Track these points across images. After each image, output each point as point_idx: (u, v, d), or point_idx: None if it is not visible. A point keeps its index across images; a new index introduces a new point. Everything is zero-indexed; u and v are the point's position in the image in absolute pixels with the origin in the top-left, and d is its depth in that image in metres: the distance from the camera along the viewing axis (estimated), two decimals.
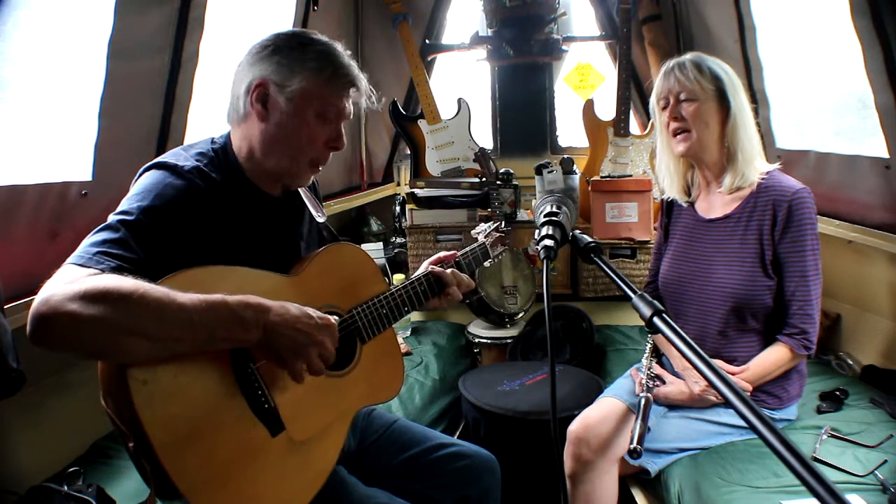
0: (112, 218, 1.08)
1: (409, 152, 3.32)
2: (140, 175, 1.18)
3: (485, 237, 1.65)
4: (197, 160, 1.19)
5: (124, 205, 1.10)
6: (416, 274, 1.48)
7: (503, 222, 1.76)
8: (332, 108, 1.23)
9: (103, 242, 1.03)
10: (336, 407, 1.24)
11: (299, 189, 1.38)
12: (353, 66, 1.26)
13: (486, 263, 1.63)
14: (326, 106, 1.22)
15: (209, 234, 1.14)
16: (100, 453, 1.67)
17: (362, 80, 1.27)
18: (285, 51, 1.20)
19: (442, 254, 1.55)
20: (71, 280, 0.94)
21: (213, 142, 1.27)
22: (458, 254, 1.56)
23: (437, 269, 1.47)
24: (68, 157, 1.64)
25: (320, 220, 1.43)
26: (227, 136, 1.28)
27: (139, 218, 1.06)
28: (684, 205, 1.79)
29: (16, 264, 1.47)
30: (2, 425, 1.52)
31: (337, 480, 1.26)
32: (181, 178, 1.14)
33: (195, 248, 1.11)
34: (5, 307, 1.28)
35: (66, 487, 1.31)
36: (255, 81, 1.20)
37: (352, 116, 1.29)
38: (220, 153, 1.24)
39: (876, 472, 1.44)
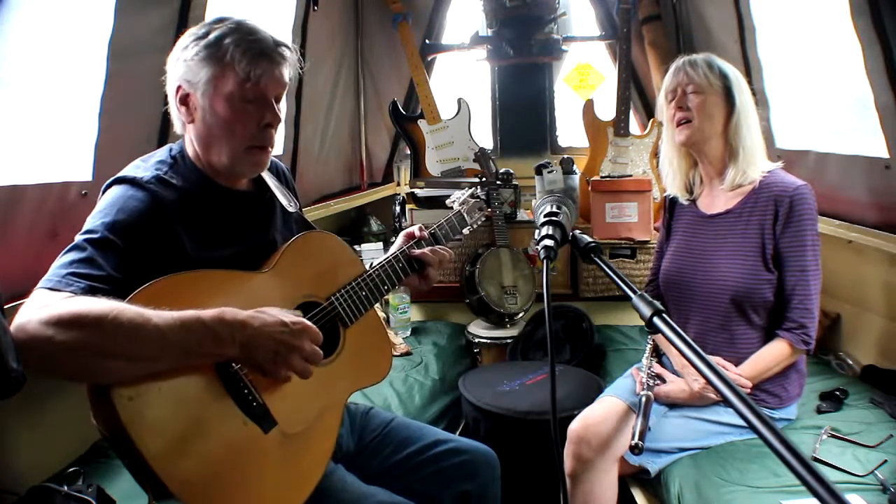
0: (78, 238, 1.08)
1: (409, 152, 3.32)
2: (103, 192, 1.18)
3: (460, 205, 1.64)
4: (157, 169, 1.19)
5: (89, 223, 1.10)
6: (392, 248, 1.47)
7: (478, 188, 1.73)
8: (249, 87, 1.16)
9: (71, 263, 1.03)
10: (326, 395, 1.24)
11: (267, 180, 1.36)
12: (262, 38, 1.18)
13: (465, 231, 1.62)
14: (241, 87, 1.16)
15: (178, 242, 1.14)
16: (100, 453, 1.67)
17: (273, 47, 1.18)
18: (189, 48, 1.17)
19: (414, 230, 1.52)
20: (44, 305, 0.95)
21: (171, 149, 1.26)
22: (434, 225, 1.55)
23: (416, 251, 1.47)
24: (68, 157, 1.64)
25: (291, 209, 1.40)
26: (184, 141, 1.27)
27: (104, 234, 1.06)
28: (685, 202, 1.80)
29: (16, 264, 1.47)
30: (2, 425, 1.52)
31: (336, 479, 1.26)
32: (142, 190, 1.13)
33: (168, 257, 1.11)
34: (5, 307, 1.28)
35: (66, 487, 1.31)
36: (173, 87, 1.20)
37: (282, 86, 1.21)
38: (179, 158, 1.23)
39: (876, 472, 1.44)
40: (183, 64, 1.18)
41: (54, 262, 1.05)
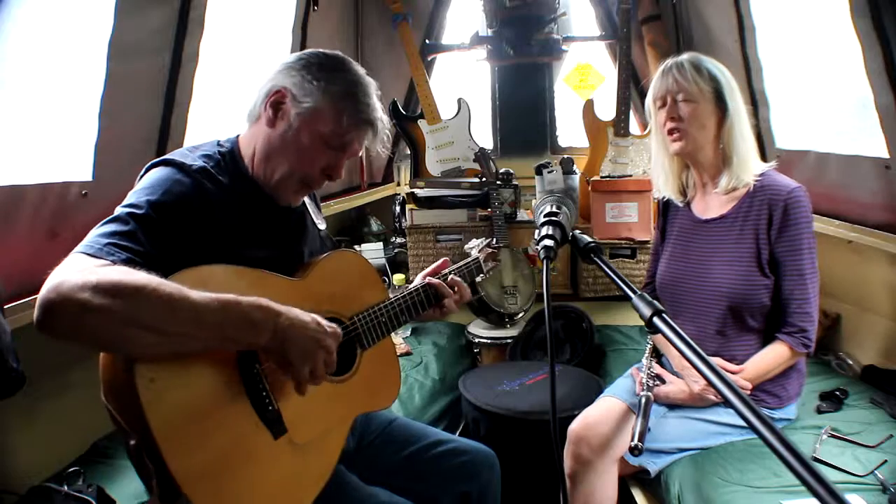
0: (120, 210, 1.07)
1: (409, 152, 3.32)
2: (146, 171, 1.18)
3: (478, 252, 1.68)
4: (204, 161, 1.19)
5: (132, 198, 1.10)
6: (412, 285, 1.48)
7: (494, 239, 1.78)
8: (338, 138, 1.22)
9: (113, 234, 1.03)
10: (336, 411, 1.25)
11: None
12: (377, 108, 1.25)
13: (479, 278, 1.65)
14: (333, 135, 1.22)
15: (215, 235, 1.14)
16: (100, 453, 1.67)
17: (379, 123, 1.26)
18: (314, 69, 1.21)
19: (438, 265, 1.55)
20: (82, 269, 0.93)
21: (219, 144, 1.27)
22: (454, 267, 1.57)
23: (434, 280, 1.48)
24: (68, 157, 1.64)
25: (321, 226, 1.44)
26: (235, 140, 1.28)
27: (148, 212, 1.07)
28: (680, 205, 1.79)
29: (16, 264, 1.47)
30: (2, 425, 1.52)
31: (337, 480, 1.26)
32: (189, 177, 1.15)
33: (200, 248, 1.11)
34: (5, 307, 1.28)
35: (66, 487, 1.32)
36: (275, 88, 1.22)
37: (359, 152, 1.28)
38: (227, 156, 1.25)
39: (876, 472, 1.44)
40: (299, 76, 1.21)
41: (92, 231, 1.04)
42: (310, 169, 1.24)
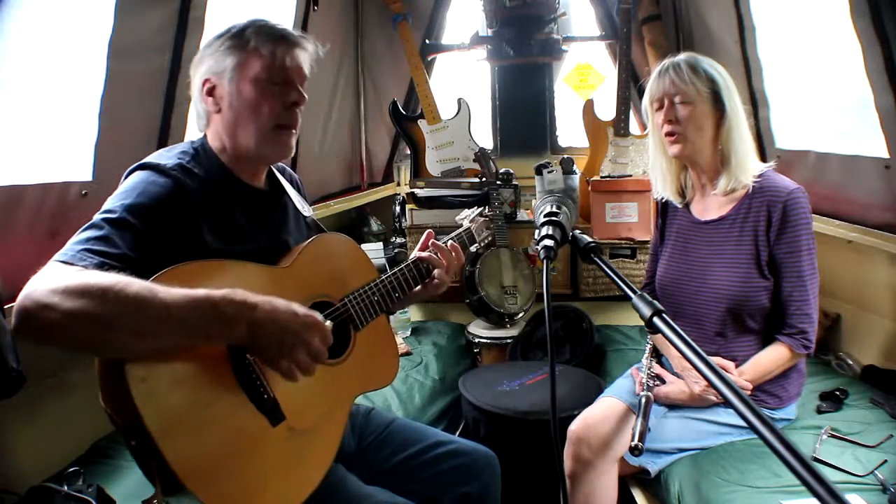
0: (96, 217, 1.09)
1: (409, 152, 3.32)
2: (125, 177, 1.19)
3: (470, 222, 1.65)
4: (179, 158, 1.21)
5: (108, 204, 1.11)
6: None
7: (486, 207, 1.76)
8: (273, 69, 1.23)
9: (87, 240, 1.04)
10: (334, 394, 1.25)
11: (283, 183, 1.38)
12: (283, 26, 1.27)
13: (472, 248, 1.64)
14: (267, 69, 1.22)
15: (197, 230, 1.15)
16: (100, 453, 1.67)
17: (296, 36, 1.27)
18: (214, 42, 1.26)
19: (424, 240, 1.54)
20: (55, 276, 0.95)
21: (192, 143, 1.29)
22: (445, 239, 1.55)
23: (423, 253, 1.48)
24: (68, 157, 1.64)
25: (306, 213, 1.43)
26: (204, 137, 1.30)
27: (122, 215, 1.07)
28: (679, 206, 1.79)
29: (16, 264, 1.47)
30: (2, 425, 1.52)
31: (337, 478, 1.27)
32: (165, 176, 1.15)
33: (184, 244, 1.12)
34: (5, 307, 1.28)
35: (66, 487, 1.31)
36: (200, 82, 1.25)
37: (302, 72, 1.28)
38: (201, 150, 1.26)
39: (876, 472, 1.44)
40: (209, 58, 1.25)
41: (71, 239, 1.06)
42: (272, 111, 1.23)
